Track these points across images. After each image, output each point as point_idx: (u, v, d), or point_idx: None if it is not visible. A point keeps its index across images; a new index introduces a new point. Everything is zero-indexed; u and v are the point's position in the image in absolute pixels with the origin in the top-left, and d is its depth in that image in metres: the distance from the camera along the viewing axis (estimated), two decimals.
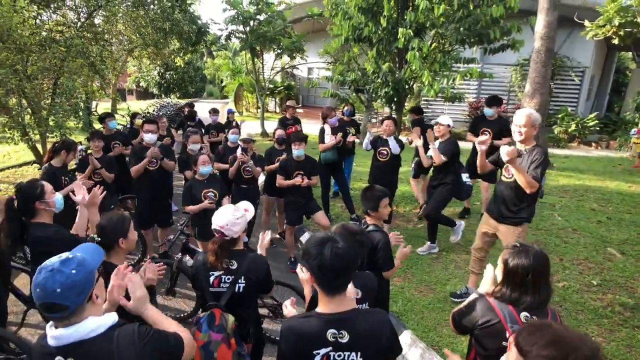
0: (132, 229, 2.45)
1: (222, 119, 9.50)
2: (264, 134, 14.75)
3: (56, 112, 5.60)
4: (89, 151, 5.63)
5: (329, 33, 12.84)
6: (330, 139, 6.12)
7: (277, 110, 21.63)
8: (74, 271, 1.38)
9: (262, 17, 13.24)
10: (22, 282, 4.30)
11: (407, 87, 6.25)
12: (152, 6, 8.63)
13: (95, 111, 8.56)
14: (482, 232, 4.04)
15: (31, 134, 6.46)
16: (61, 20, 7.66)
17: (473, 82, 14.67)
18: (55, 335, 1.39)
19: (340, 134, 6.03)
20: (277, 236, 6.20)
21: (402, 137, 6.30)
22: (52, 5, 7.21)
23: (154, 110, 15.28)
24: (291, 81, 21.13)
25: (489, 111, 5.71)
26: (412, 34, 5.76)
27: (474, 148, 5.63)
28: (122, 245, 2.37)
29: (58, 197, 2.84)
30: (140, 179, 5.13)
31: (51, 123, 5.64)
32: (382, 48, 6.21)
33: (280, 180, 5.12)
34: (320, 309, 1.68)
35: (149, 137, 5.08)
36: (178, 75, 28.21)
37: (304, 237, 6.29)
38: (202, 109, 12.49)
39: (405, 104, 8.41)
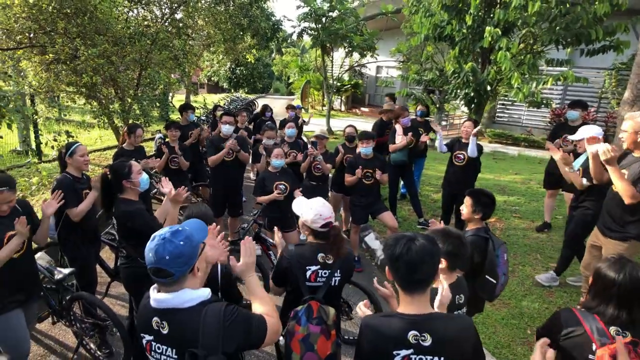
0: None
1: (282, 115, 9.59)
2: (330, 131, 14.74)
3: (142, 100, 5.92)
4: (166, 139, 5.91)
5: (402, 31, 12.57)
6: (401, 140, 5.90)
7: (343, 108, 21.59)
8: (181, 242, 1.53)
9: (334, 14, 13.22)
10: (105, 255, 4.58)
11: (489, 89, 5.84)
12: (231, 2, 8.87)
13: (172, 102, 8.99)
14: (590, 245, 3.67)
15: (117, 120, 6.91)
16: (148, 15, 8.12)
17: (558, 86, 13.55)
18: (157, 297, 1.56)
19: (411, 135, 5.78)
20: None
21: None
22: (142, 1, 7.63)
23: (224, 104, 15.89)
24: (358, 79, 20.94)
25: (573, 114, 5.06)
26: (499, 32, 5.34)
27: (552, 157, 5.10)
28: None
29: (144, 177, 3.08)
30: (215, 169, 5.32)
31: (137, 111, 5.97)
32: (464, 47, 5.84)
33: (348, 178, 5.04)
34: (402, 309, 1.63)
35: (226, 129, 5.23)
36: (247, 71, 29.13)
37: (369, 238, 6.19)
38: (270, 104, 12.76)
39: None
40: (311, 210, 2.45)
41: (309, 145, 5.38)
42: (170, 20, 8.34)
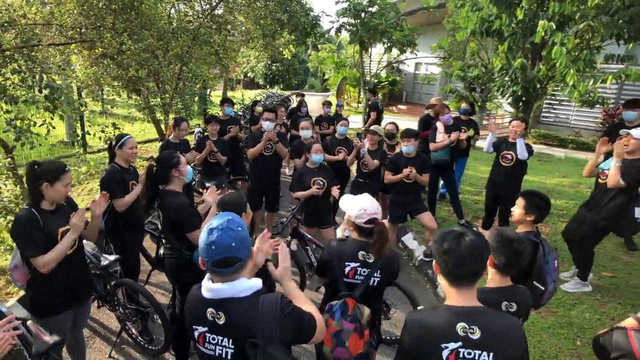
0: (248, 206, 2.67)
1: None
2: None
3: (184, 94, 6.03)
4: (206, 133, 6.00)
5: (444, 26, 12.23)
6: (442, 138, 5.71)
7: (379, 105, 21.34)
8: (239, 228, 1.57)
9: (374, 9, 13.03)
10: (146, 244, 4.68)
11: (539, 86, 5.53)
12: None
13: (210, 97, 9.14)
14: None
15: (158, 114, 7.09)
16: (189, 11, 8.27)
17: (612, 85, 12.78)
18: (213, 288, 1.55)
19: (458, 133, 5.56)
20: None
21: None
22: None
23: (261, 100, 16.03)
24: (396, 76, 20.60)
25: (630, 114, 4.61)
26: (554, 27, 5.04)
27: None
28: (244, 218, 2.54)
29: (189, 169, 3.14)
30: (254, 162, 5.35)
31: (179, 105, 6.09)
32: (514, 42, 5.56)
33: (388, 176, 4.94)
34: (449, 302, 1.60)
35: (267, 125, 5.23)
36: (283, 68, 29.29)
37: (407, 238, 6.06)
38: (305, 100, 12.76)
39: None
40: (355, 205, 2.43)
41: (355, 139, 5.28)
42: (210, 16, 8.46)
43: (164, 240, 4.48)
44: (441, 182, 6.46)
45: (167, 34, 6.14)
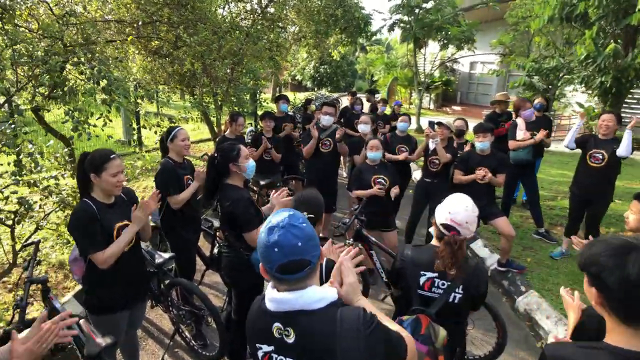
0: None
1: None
2: (419, 129, 13.98)
3: (238, 91, 5.89)
4: (258, 131, 5.85)
5: (506, 20, 11.46)
6: (523, 135, 5.11)
7: (432, 106, 20.54)
8: (304, 224, 1.28)
9: (429, 5, 12.47)
10: (200, 243, 4.50)
11: (634, 75, 4.83)
12: None
13: (260, 98, 9.05)
14: None
15: (211, 112, 7.04)
16: (242, 8, 8.19)
17: None
18: (278, 298, 1.27)
19: (545, 132, 4.95)
20: None
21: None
22: None
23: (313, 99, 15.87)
24: (450, 76, 19.75)
25: None
26: None
27: None
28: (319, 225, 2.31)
29: (251, 163, 2.85)
30: (311, 160, 5.08)
31: (233, 99, 5.95)
32: (603, 27, 4.89)
33: (458, 176, 4.47)
34: (614, 340, 1.17)
35: (326, 119, 4.95)
36: (331, 70, 29.14)
37: (476, 245, 5.52)
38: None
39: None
40: (449, 204, 2.09)
41: (427, 128, 4.85)
42: (262, 13, 8.34)
43: (219, 239, 4.31)
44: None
45: (222, 29, 6.02)
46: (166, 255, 3.43)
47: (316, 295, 1.28)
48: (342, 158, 7.08)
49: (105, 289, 2.47)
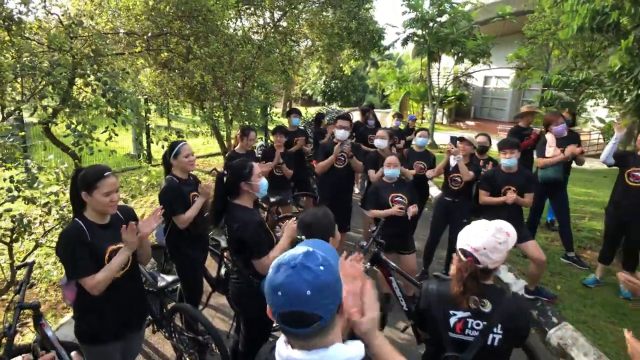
0: (336, 228, 2.20)
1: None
2: (433, 145, 13.68)
3: (249, 104, 5.71)
4: (268, 145, 5.65)
5: (524, 33, 11.22)
6: (554, 152, 4.80)
7: (445, 121, 20.25)
8: (321, 267, 1.01)
9: (443, 19, 12.31)
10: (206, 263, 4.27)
11: None
12: (339, 7, 8.50)
13: (271, 114, 8.90)
14: None
15: (221, 125, 6.88)
16: (255, 22, 8.10)
17: None
18: (290, 358, 1.03)
19: (575, 147, 4.63)
20: None
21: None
22: (251, 6, 7.58)
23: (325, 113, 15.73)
24: (464, 90, 19.49)
25: None
26: None
27: None
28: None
29: (263, 182, 2.65)
30: (324, 176, 4.84)
31: (243, 113, 5.76)
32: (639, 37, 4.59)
33: (485, 197, 4.17)
34: None
35: (341, 134, 4.71)
36: (342, 84, 29.11)
37: (500, 271, 5.18)
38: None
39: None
40: (474, 229, 1.85)
41: (449, 145, 4.59)
42: (275, 27, 8.24)
43: (226, 259, 4.06)
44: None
45: (233, 42, 5.88)
46: (169, 278, 3.20)
47: (342, 356, 1.02)
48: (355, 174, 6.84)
49: (95, 316, 2.23)
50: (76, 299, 2.22)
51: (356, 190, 7.79)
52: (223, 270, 3.98)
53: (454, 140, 4.59)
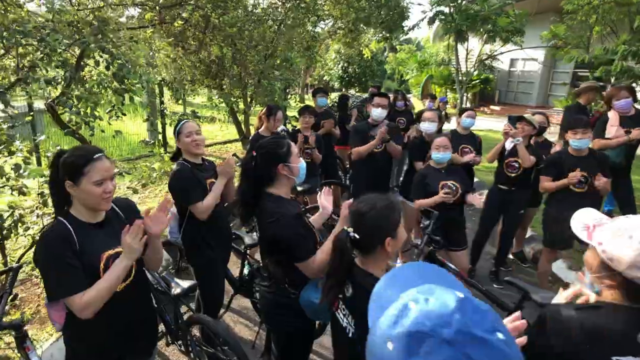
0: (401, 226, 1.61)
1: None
2: None
3: (272, 80, 5.12)
4: (292, 129, 5.08)
5: (564, 8, 10.30)
6: (616, 132, 4.13)
7: (469, 106, 19.31)
8: (500, 336, 0.53)
9: None
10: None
11: None
12: None
13: (291, 92, 8.27)
14: None
15: (238, 111, 6.34)
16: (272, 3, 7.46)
17: None
18: None
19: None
20: (511, 256, 4.63)
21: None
22: None
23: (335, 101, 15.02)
24: (489, 74, 18.51)
25: None
26: None
27: None
28: (388, 248, 1.56)
29: (302, 164, 2.10)
30: (360, 163, 4.26)
31: (266, 85, 5.12)
32: None
33: (547, 183, 3.55)
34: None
35: (378, 113, 4.11)
36: (360, 70, 28.18)
37: (559, 268, 4.56)
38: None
39: None
40: (632, 239, 1.18)
41: (506, 125, 3.97)
42: (298, 3, 7.59)
43: (249, 258, 3.54)
44: None
45: (255, 14, 5.28)
46: (186, 284, 2.67)
47: None
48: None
49: (91, 344, 1.70)
50: (66, 320, 1.68)
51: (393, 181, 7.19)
52: (246, 270, 3.46)
53: (512, 120, 3.96)
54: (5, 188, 2.76)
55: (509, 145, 4.00)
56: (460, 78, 13.58)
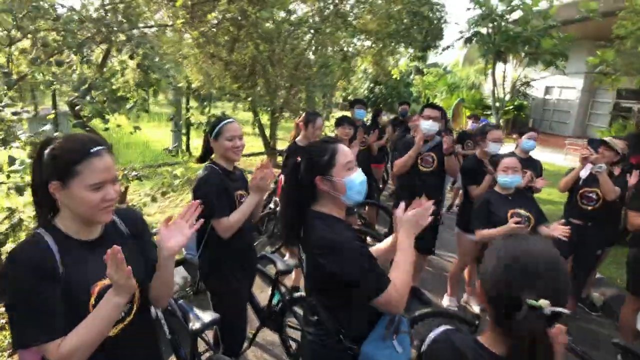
0: None
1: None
2: None
3: (312, 87, 4.68)
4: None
5: (614, 32, 9.74)
6: None
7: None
8: None
9: (515, 16, 10.95)
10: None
11: None
12: None
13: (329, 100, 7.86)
14: None
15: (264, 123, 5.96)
16: (314, 4, 7.12)
17: None
18: None
19: None
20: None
21: None
22: None
23: (366, 120, 14.58)
24: (523, 101, 17.83)
25: None
26: None
27: None
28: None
29: (352, 179, 1.52)
30: (404, 181, 3.76)
31: (303, 95, 4.71)
32: None
33: (635, 219, 2.97)
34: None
35: (428, 126, 3.60)
36: (387, 91, 27.87)
37: None
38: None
39: None
40: None
41: (584, 148, 3.42)
42: (335, 11, 7.25)
43: (281, 285, 3.03)
44: None
45: (290, 19, 4.90)
46: (207, 317, 2.15)
47: None
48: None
49: None
50: None
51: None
52: (276, 299, 2.93)
53: (594, 143, 3.40)
54: (2, 186, 2.33)
55: (585, 173, 3.44)
56: (497, 100, 13.02)
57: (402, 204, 1.68)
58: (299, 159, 1.59)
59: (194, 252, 2.38)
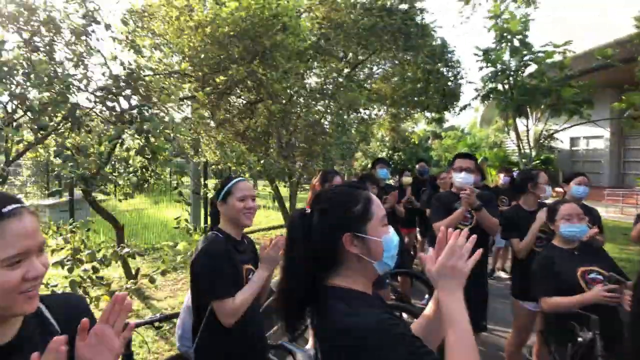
0: None
1: None
2: None
3: (329, 145, 4.41)
4: None
5: (637, 76, 9.48)
6: None
7: None
8: None
9: (530, 70, 10.88)
10: None
11: None
12: (421, 51, 7.32)
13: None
14: None
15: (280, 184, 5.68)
16: (327, 70, 7.15)
17: None
18: None
19: None
20: None
21: None
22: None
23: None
24: (549, 154, 17.32)
25: None
26: None
27: None
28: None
29: (390, 237, 1.15)
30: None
31: (320, 159, 4.43)
32: None
33: None
34: None
35: (462, 178, 3.16)
36: (406, 156, 27.93)
37: None
38: None
39: None
40: None
41: None
42: (348, 76, 7.25)
43: None
44: None
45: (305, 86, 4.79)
46: None
47: None
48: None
49: None
50: None
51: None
52: None
53: None
54: None
55: None
56: (523, 155, 12.55)
57: (431, 249, 1.24)
58: (308, 208, 1.17)
59: (189, 343, 1.90)
